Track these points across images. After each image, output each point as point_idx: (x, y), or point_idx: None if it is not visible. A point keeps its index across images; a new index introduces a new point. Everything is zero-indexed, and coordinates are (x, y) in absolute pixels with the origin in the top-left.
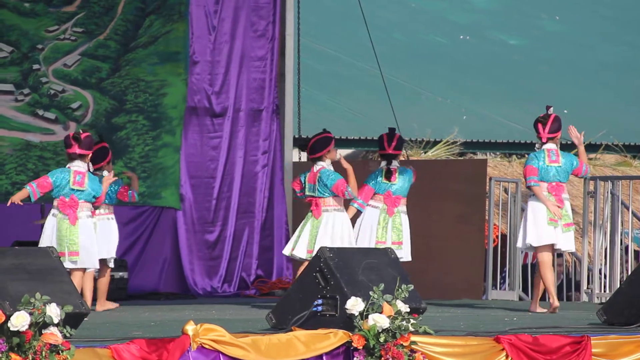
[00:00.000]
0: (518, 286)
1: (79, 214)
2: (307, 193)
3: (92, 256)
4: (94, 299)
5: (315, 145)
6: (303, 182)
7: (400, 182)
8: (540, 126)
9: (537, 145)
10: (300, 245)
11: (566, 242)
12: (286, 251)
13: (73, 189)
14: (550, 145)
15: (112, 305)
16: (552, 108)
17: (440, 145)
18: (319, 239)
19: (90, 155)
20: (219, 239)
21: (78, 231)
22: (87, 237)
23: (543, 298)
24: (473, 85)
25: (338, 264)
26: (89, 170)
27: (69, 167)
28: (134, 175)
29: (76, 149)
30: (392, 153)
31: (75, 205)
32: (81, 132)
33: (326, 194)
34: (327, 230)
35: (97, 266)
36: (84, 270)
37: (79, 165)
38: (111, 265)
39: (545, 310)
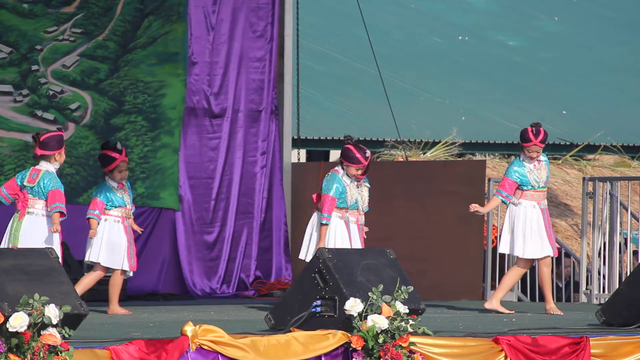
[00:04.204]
0: (517, 287)
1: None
2: None
3: None
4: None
5: None
6: None
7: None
8: None
9: None
10: None
11: None
12: None
13: None
14: None
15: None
16: None
17: (439, 146)
18: None
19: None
20: (217, 239)
21: None
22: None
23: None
24: (472, 86)
25: (337, 265)
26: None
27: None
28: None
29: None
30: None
31: None
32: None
33: None
34: None
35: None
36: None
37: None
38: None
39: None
